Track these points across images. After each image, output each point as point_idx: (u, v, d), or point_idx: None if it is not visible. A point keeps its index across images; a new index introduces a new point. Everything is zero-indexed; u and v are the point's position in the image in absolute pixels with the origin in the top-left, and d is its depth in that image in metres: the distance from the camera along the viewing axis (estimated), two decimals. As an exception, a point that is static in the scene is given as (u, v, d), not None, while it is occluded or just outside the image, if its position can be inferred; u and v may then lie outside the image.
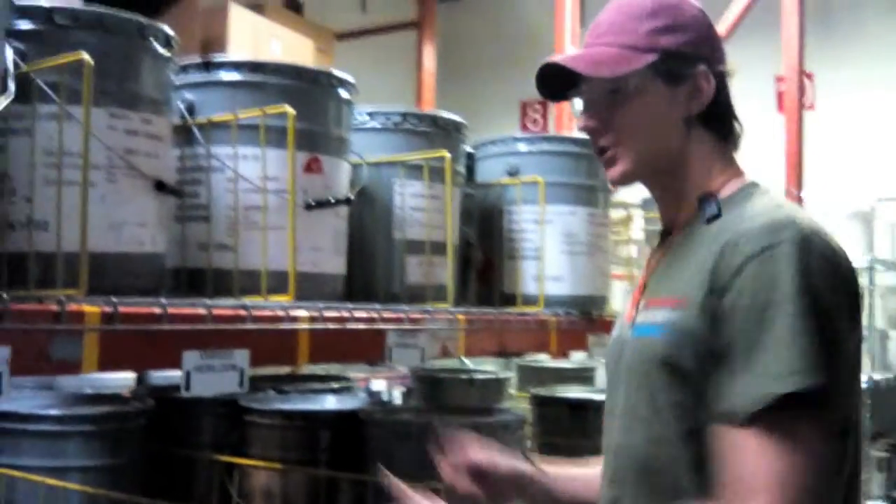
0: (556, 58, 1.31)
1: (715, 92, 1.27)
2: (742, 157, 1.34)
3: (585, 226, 2.38)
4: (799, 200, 4.83)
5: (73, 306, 1.16)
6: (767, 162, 3.73)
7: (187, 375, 1.29)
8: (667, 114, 1.27)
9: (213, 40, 3.51)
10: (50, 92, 1.32)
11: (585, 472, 1.40)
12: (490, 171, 2.43)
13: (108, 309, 1.19)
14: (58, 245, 1.26)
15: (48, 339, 1.14)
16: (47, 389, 2.47)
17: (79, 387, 2.61)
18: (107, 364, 1.20)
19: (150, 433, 2.04)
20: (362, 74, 1.94)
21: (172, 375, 3.02)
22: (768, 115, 5.45)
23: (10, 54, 1.29)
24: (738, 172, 1.31)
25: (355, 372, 3.85)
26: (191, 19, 3.46)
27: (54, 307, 1.15)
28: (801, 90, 5.10)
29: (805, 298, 1.09)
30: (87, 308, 1.18)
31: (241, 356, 1.38)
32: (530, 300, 2.29)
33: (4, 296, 1.09)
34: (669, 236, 1.30)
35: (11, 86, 1.26)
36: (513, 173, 2.34)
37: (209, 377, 1.33)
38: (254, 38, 3.74)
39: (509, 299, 2.34)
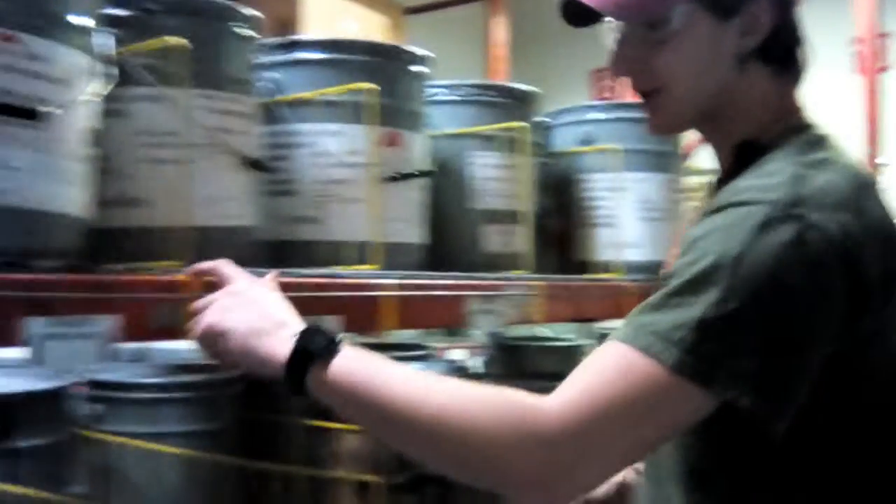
0: None
1: (776, 18, 1.13)
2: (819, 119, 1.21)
3: (662, 192, 2.39)
4: (876, 166, 4.73)
5: (173, 277, 1.23)
6: (846, 126, 3.67)
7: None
8: (716, 52, 1.13)
9: (289, 19, 3.59)
10: (146, 75, 1.39)
11: None
12: (565, 139, 2.46)
13: (206, 279, 1.26)
14: (158, 220, 1.34)
15: (152, 308, 1.21)
16: (139, 361, 2.58)
17: (170, 357, 2.72)
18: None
19: (245, 400, 2.13)
20: (433, 48, 1.98)
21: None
22: (846, 77, 5.35)
23: (107, 40, 1.37)
24: (792, 110, 1.18)
25: (432, 342, 3.91)
26: (267, 1, 3.55)
27: (157, 278, 1.22)
28: (878, 51, 4.98)
29: (731, 274, 0.98)
30: (181, 277, 1.25)
31: (332, 323, 1.44)
32: (607, 267, 2.32)
33: (111, 267, 1.17)
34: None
35: (109, 70, 1.33)
36: (588, 141, 2.36)
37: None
38: (328, 16, 3.81)
39: (586, 267, 2.37)
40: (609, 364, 1.01)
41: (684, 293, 1.00)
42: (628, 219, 2.34)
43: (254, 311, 1.14)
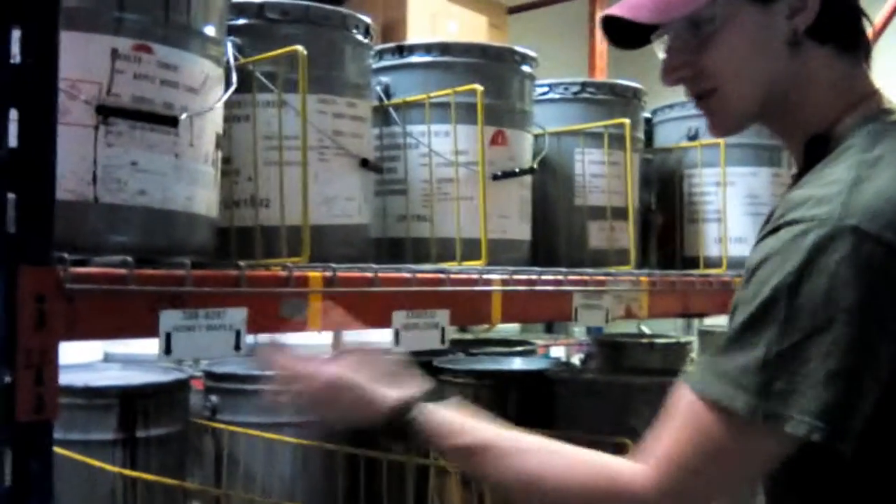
0: (614, 9, 1.09)
1: None
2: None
3: (768, 186, 2.37)
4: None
5: (298, 272, 1.30)
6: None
7: (396, 333, 1.42)
8: (766, 40, 1.06)
9: (394, 24, 3.65)
10: (267, 82, 1.47)
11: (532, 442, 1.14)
12: (669, 135, 2.46)
13: (328, 274, 1.33)
14: (282, 219, 1.42)
15: (278, 302, 1.28)
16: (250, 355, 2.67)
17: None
18: (326, 323, 1.34)
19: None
20: (535, 46, 2.02)
21: (367, 341, 3.19)
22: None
23: (230, 49, 1.45)
24: (866, 93, 1.08)
25: (530, 338, 3.95)
26: (371, 4, 3.62)
27: (283, 273, 1.29)
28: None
29: (787, 305, 0.94)
30: (311, 273, 1.32)
31: (442, 316, 1.50)
32: (712, 262, 2.32)
33: (241, 264, 1.24)
34: None
35: (233, 77, 1.41)
36: (693, 137, 2.36)
37: (414, 335, 1.45)
38: (431, 19, 3.87)
39: (691, 262, 2.37)
40: (687, 420, 1.01)
41: (746, 332, 0.97)
42: (734, 213, 2.33)
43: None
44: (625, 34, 1.13)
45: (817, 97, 1.08)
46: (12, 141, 0.97)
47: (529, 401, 2.24)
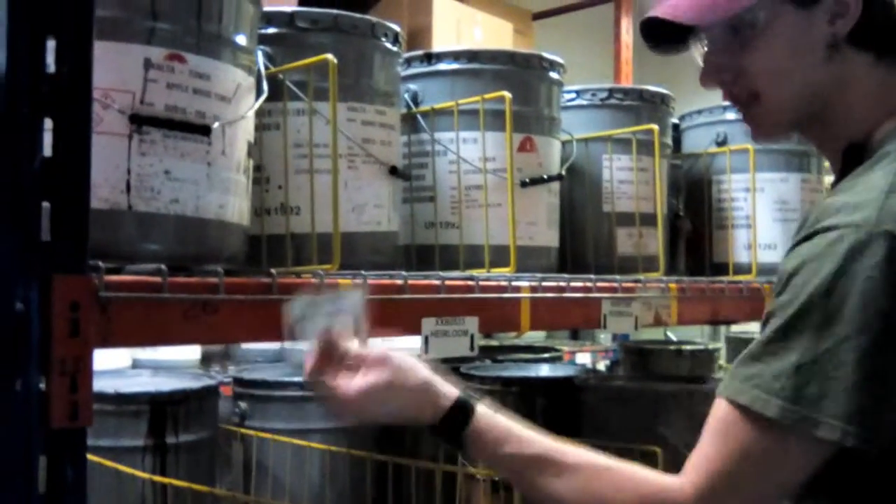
0: (655, 10, 1.09)
1: None
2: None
3: (798, 192, 2.35)
4: None
5: (329, 279, 1.31)
6: None
7: (426, 340, 1.42)
8: (804, 44, 1.05)
9: (419, 31, 3.67)
10: (297, 91, 1.47)
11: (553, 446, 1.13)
12: (697, 141, 2.45)
13: (358, 281, 1.33)
14: (312, 227, 1.42)
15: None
16: (278, 361, 2.69)
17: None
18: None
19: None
20: (560, 51, 2.02)
21: (402, 346, 3.20)
22: None
23: (261, 58, 1.45)
24: None
25: (556, 345, 3.95)
26: (397, 11, 3.63)
27: (314, 281, 1.29)
28: None
29: (822, 310, 0.94)
30: (342, 281, 1.32)
31: (472, 323, 1.49)
32: (742, 269, 2.30)
33: (273, 271, 1.25)
34: None
35: (264, 86, 1.42)
36: (721, 142, 2.35)
37: (444, 341, 1.45)
38: (457, 26, 3.88)
39: (719, 268, 2.36)
40: (722, 429, 1.01)
41: (780, 339, 0.98)
42: (764, 219, 2.32)
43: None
44: (663, 37, 1.13)
45: (856, 104, 1.07)
46: (47, 150, 0.98)
47: (556, 408, 2.23)
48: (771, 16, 1.05)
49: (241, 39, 1.31)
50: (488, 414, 1.15)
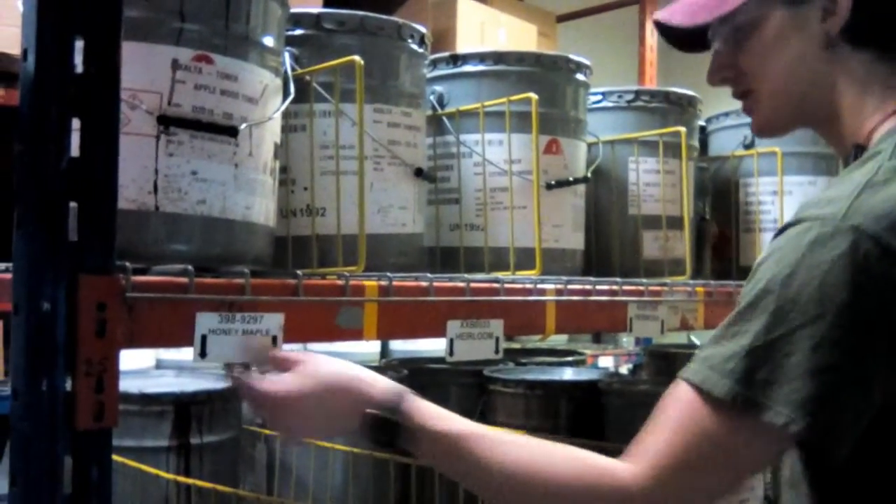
0: (660, 13, 1.15)
1: None
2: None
3: (825, 195, 2.33)
4: None
5: (354, 281, 1.30)
6: None
7: (451, 342, 1.41)
8: (795, 43, 1.07)
9: (443, 32, 3.67)
10: (324, 92, 1.47)
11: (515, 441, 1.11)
12: (724, 143, 2.43)
13: (384, 283, 1.33)
14: (338, 228, 1.42)
15: (335, 311, 1.28)
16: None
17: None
18: (383, 332, 1.33)
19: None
20: (585, 53, 2.00)
21: (417, 349, 3.20)
22: None
23: (288, 59, 1.45)
24: None
25: (578, 348, 3.94)
26: (421, 13, 3.63)
27: (340, 282, 1.29)
28: None
29: (778, 297, 0.94)
30: (367, 283, 1.32)
31: (496, 325, 1.49)
32: (769, 272, 2.28)
33: (299, 273, 1.24)
34: None
35: (291, 87, 1.42)
36: (748, 145, 2.33)
37: (469, 344, 1.44)
38: (480, 28, 3.87)
39: (746, 272, 2.32)
40: (675, 408, 1.00)
41: (739, 322, 0.98)
42: (791, 223, 2.30)
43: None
44: (682, 38, 1.16)
45: (857, 103, 1.06)
46: (74, 150, 0.98)
47: (581, 411, 2.22)
48: (762, 15, 1.07)
49: (269, 41, 1.31)
50: (423, 402, 1.13)
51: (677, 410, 1.00)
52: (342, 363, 1.16)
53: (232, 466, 1.81)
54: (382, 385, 1.13)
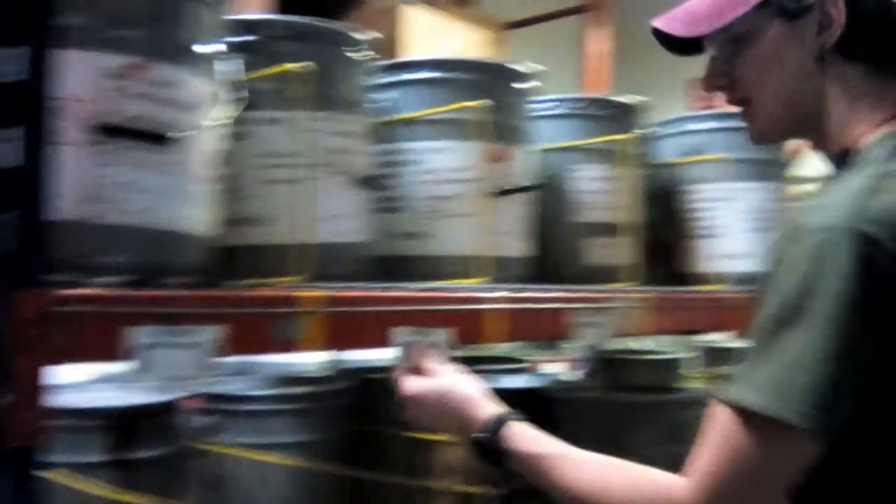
0: (658, 20, 1.19)
1: (861, 9, 1.07)
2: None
3: (769, 201, 2.35)
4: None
5: (294, 291, 1.28)
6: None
7: (396, 351, 1.40)
8: (791, 55, 1.11)
9: (391, 40, 3.65)
10: (266, 100, 1.45)
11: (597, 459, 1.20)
12: (670, 150, 2.44)
13: (324, 293, 1.31)
14: (280, 237, 1.40)
15: (273, 322, 1.26)
16: (244, 374, 2.64)
17: (277, 371, 2.77)
18: (324, 343, 1.31)
19: (350, 412, 2.17)
20: (533, 61, 2.00)
21: (370, 358, 3.17)
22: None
23: (227, 66, 1.43)
24: (890, 112, 1.09)
25: (529, 355, 3.93)
26: (370, 20, 3.61)
27: (278, 293, 1.27)
28: None
29: (797, 307, 0.98)
30: (307, 293, 1.29)
31: (442, 334, 1.47)
32: (714, 279, 2.30)
33: (237, 283, 1.22)
34: None
35: (230, 95, 1.39)
36: (696, 152, 2.34)
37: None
38: (428, 35, 3.86)
39: (693, 278, 2.35)
40: (716, 428, 1.04)
41: (763, 338, 1.02)
42: (736, 229, 2.32)
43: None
44: (677, 43, 1.19)
45: (846, 113, 1.11)
46: (5, 161, 0.96)
47: (528, 419, 2.21)
48: (759, 27, 1.11)
49: (207, 47, 1.29)
50: (522, 426, 1.27)
51: (717, 429, 1.04)
52: (467, 382, 1.36)
53: (172, 482, 1.77)
54: (489, 410, 1.30)
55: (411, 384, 1.36)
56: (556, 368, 4.74)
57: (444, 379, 1.35)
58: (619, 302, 1.93)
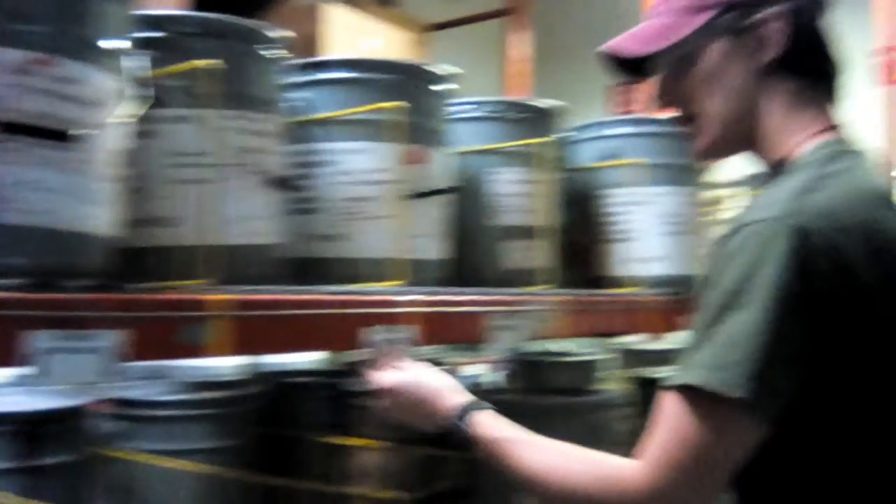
0: (607, 44, 1.26)
1: (792, 28, 1.15)
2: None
3: (684, 205, 2.39)
4: (893, 180, 4.68)
5: (200, 295, 1.25)
6: (865, 139, 3.63)
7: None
8: (733, 71, 1.18)
9: (311, 39, 3.62)
10: (174, 97, 1.41)
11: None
12: (587, 154, 2.46)
13: (234, 297, 1.28)
14: (188, 239, 1.36)
15: (175, 326, 1.23)
16: (158, 378, 2.58)
17: (188, 375, 2.72)
18: (233, 348, 1.28)
19: (264, 416, 2.14)
20: (455, 63, 2.00)
21: (283, 362, 3.13)
22: (866, 89, 5.30)
23: (135, 63, 1.39)
24: (823, 124, 1.18)
25: (453, 357, 3.92)
26: (290, 18, 3.57)
27: (183, 296, 1.24)
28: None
29: (739, 293, 1.05)
30: (214, 297, 1.26)
31: (407, 332, 1.52)
32: (629, 282, 2.32)
33: (140, 286, 1.19)
34: None
35: (137, 92, 1.35)
36: (611, 156, 2.37)
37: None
38: (349, 35, 3.84)
39: (609, 281, 2.37)
40: (665, 412, 1.10)
41: (706, 326, 1.08)
42: (651, 233, 2.35)
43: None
44: (624, 66, 1.28)
45: (784, 124, 1.18)
46: None
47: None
48: (703, 45, 1.18)
49: (113, 43, 1.25)
50: (487, 415, 1.34)
51: (666, 412, 1.10)
52: (437, 375, 1.46)
53: (80, 489, 1.72)
54: (457, 400, 1.38)
55: (387, 377, 1.43)
56: (477, 370, 4.76)
57: (416, 372, 1.44)
58: (535, 305, 1.93)
